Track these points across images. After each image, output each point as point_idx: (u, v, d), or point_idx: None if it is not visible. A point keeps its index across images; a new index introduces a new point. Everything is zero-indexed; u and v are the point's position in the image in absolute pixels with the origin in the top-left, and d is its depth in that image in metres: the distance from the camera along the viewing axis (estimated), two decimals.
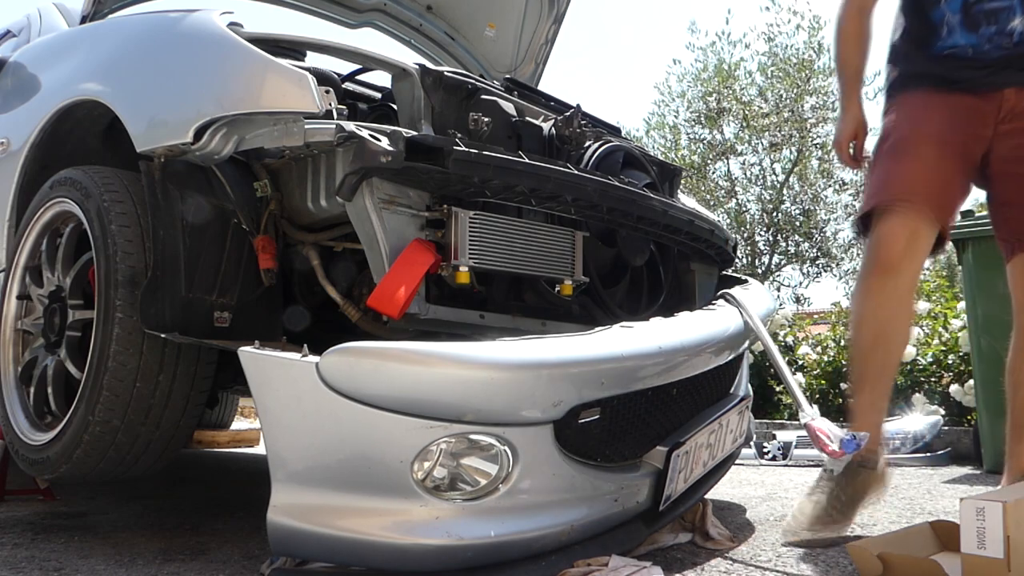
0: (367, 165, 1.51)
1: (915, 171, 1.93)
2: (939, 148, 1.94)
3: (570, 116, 1.96)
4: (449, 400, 1.38)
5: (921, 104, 1.99)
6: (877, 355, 1.93)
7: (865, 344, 1.94)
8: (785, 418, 5.33)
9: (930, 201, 1.91)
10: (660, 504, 1.73)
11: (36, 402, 1.99)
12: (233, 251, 1.79)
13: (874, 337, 1.93)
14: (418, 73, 1.77)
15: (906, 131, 1.98)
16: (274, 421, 1.43)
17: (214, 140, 1.64)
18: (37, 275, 2.09)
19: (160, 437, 1.80)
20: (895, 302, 1.91)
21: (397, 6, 3.33)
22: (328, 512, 1.40)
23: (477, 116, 1.74)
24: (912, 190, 1.91)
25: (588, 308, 2.03)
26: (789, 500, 2.65)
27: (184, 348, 1.75)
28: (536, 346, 1.49)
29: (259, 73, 1.64)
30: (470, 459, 1.42)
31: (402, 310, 1.56)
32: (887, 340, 1.93)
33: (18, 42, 2.74)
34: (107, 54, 2.08)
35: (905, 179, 1.93)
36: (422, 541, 1.39)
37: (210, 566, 1.66)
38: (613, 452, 1.67)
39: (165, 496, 2.66)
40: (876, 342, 1.93)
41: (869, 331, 1.94)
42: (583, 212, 1.82)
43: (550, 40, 3.38)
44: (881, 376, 1.95)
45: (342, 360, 1.37)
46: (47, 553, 1.77)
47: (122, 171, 1.90)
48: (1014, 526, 1.35)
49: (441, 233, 1.66)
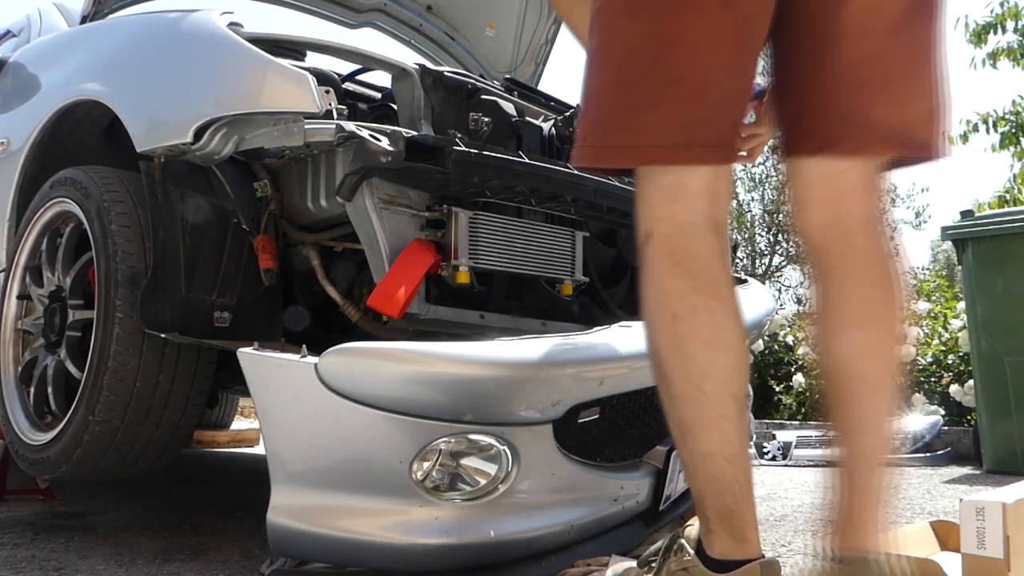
0: (367, 165, 1.51)
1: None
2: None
3: (570, 116, 1.96)
4: (448, 400, 1.38)
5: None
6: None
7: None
8: (785, 418, 5.33)
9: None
10: (660, 504, 1.73)
11: (36, 402, 1.99)
12: (233, 251, 1.79)
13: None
14: (418, 73, 1.77)
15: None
16: (273, 422, 1.43)
17: (214, 140, 1.64)
18: (37, 275, 2.09)
19: (160, 437, 1.80)
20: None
21: (397, 6, 3.33)
22: (327, 512, 1.40)
23: (477, 116, 1.74)
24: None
25: (588, 308, 2.03)
26: (789, 500, 2.66)
27: (184, 348, 1.75)
28: (536, 346, 1.49)
29: (259, 73, 1.65)
30: (469, 459, 1.42)
31: (402, 310, 1.56)
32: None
33: (18, 42, 2.74)
34: (107, 54, 2.08)
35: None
36: (422, 541, 1.39)
37: (210, 566, 1.66)
38: (613, 452, 1.67)
39: (165, 496, 2.66)
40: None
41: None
42: (583, 212, 1.82)
43: (550, 40, 3.37)
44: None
45: (341, 360, 1.37)
46: (47, 553, 1.77)
47: (122, 171, 1.90)
48: (1014, 526, 1.34)
49: (441, 233, 1.66)
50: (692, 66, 1.09)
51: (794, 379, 5.44)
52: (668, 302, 1.11)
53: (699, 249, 1.11)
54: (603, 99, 1.15)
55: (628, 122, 1.12)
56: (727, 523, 1.11)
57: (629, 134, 1.12)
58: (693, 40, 1.08)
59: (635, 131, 1.11)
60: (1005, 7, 7.02)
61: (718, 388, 1.09)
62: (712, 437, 1.09)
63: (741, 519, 1.11)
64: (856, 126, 1.13)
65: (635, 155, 1.13)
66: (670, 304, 1.11)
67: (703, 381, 1.09)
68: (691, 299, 1.10)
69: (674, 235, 1.12)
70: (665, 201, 1.12)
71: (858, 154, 1.14)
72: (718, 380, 1.09)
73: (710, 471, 1.11)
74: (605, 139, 1.14)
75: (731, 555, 1.10)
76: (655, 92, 1.09)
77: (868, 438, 1.13)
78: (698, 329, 1.09)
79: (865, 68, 1.13)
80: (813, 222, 1.17)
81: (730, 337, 1.10)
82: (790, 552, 1.81)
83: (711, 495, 1.11)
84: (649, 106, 1.10)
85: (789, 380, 5.50)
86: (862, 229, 1.15)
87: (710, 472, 1.11)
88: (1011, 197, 6.96)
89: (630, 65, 1.12)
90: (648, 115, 1.10)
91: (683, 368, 1.10)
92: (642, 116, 1.11)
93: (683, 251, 1.11)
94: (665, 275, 1.12)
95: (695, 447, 1.11)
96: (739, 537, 1.11)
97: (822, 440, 4.12)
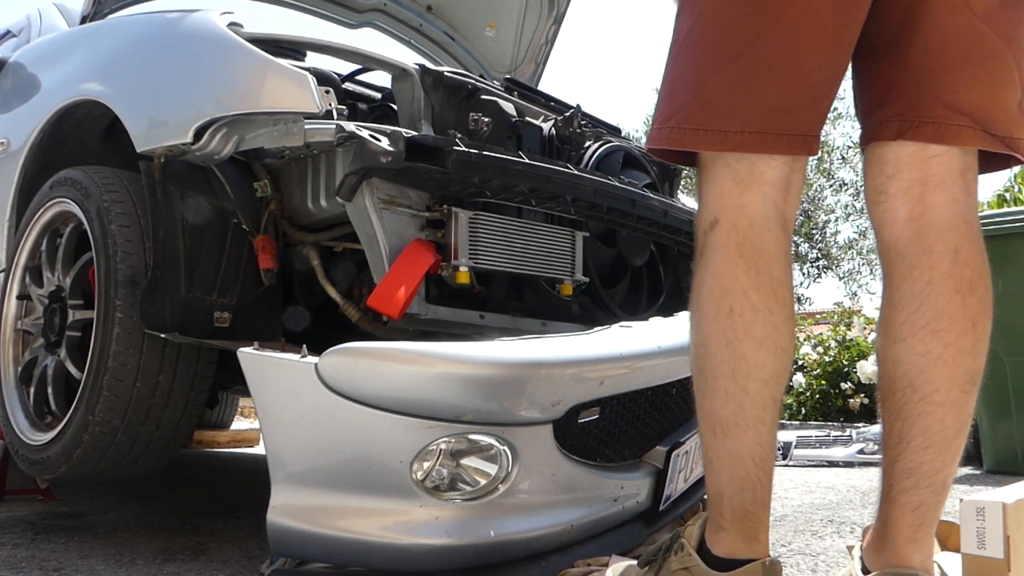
0: (367, 165, 1.51)
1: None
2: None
3: (570, 116, 1.96)
4: (448, 400, 1.38)
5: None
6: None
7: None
8: (785, 418, 5.33)
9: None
10: (660, 504, 1.73)
11: (36, 402, 1.99)
12: (233, 251, 1.79)
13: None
14: (418, 73, 1.77)
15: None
16: (274, 422, 1.43)
17: (214, 140, 1.64)
18: (37, 275, 2.09)
19: (160, 437, 1.80)
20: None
21: (397, 6, 3.33)
22: (328, 512, 1.40)
23: (477, 116, 1.74)
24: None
25: (588, 308, 2.03)
26: (789, 500, 2.66)
27: (184, 348, 1.75)
28: (536, 346, 1.49)
29: (259, 73, 1.64)
30: (470, 459, 1.42)
31: (402, 310, 1.56)
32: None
33: (18, 42, 2.74)
34: (107, 54, 2.08)
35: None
36: (422, 541, 1.39)
37: (210, 566, 1.66)
38: (613, 452, 1.67)
39: (165, 496, 2.66)
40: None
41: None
42: (583, 212, 1.82)
43: (550, 40, 3.37)
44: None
45: (341, 360, 1.37)
46: (47, 553, 1.77)
47: (122, 171, 1.90)
48: (1014, 526, 1.34)
49: (441, 233, 1.66)
50: (789, 50, 1.03)
51: (794, 379, 5.44)
52: (727, 296, 1.07)
53: (766, 244, 1.07)
54: (691, 80, 1.09)
55: (716, 104, 1.06)
56: (742, 523, 1.09)
57: (717, 117, 1.06)
58: (792, 22, 1.03)
59: (723, 115, 1.06)
60: None
61: (761, 390, 1.06)
62: (746, 437, 1.07)
63: (756, 520, 1.10)
64: (942, 109, 1.04)
65: (721, 139, 1.06)
66: (729, 298, 1.07)
67: (749, 381, 1.06)
68: (752, 296, 1.06)
69: (742, 226, 1.07)
70: (738, 189, 1.08)
71: (942, 140, 1.05)
72: (763, 382, 1.06)
73: (736, 471, 1.08)
74: (689, 120, 1.08)
75: (739, 554, 1.09)
76: (748, 75, 1.04)
77: (924, 454, 1.06)
78: (753, 328, 1.05)
79: (956, 47, 1.04)
80: (895, 216, 1.08)
81: (782, 340, 1.07)
82: (790, 552, 1.81)
83: (731, 494, 1.09)
84: (740, 89, 1.05)
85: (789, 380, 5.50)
86: (949, 229, 1.06)
87: (735, 472, 1.08)
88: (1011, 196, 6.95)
89: (723, 46, 1.06)
90: (738, 98, 1.05)
91: (731, 365, 1.06)
92: (732, 99, 1.05)
93: (750, 244, 1.07)
94: (728, 267, 1.07)
95: (726, 445, 1.08)
96: (751, 538, 1.10)
97: (822, 440, 4.12)
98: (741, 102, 1.05)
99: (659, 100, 1.15)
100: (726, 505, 1.10)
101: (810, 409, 5.46)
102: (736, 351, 1.06)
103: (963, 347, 1.06)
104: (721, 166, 1.09)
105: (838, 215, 15.84)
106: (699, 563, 1.11)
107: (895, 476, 1.08)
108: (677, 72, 1.11)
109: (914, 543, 1.07)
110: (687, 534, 1.17)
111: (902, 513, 1.08)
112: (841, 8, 1.03)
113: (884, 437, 1.11)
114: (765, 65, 1.04)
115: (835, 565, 1.69)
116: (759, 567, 1.07)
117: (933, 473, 1.06)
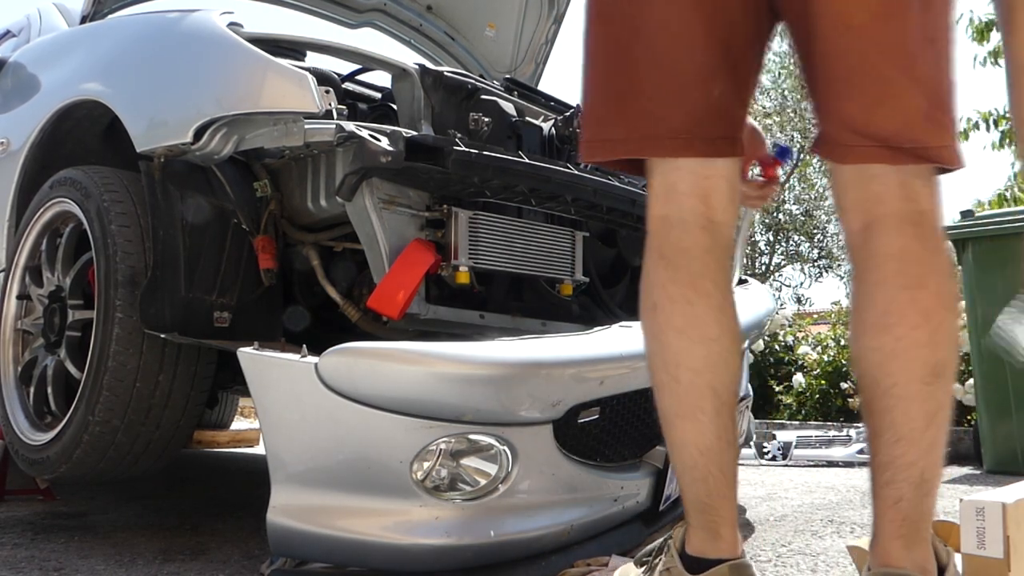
0: (367, 165, 1.51)
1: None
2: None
3: (570, 116, 1.96)
4: (448, 400, 1.38)
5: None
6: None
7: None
8: (785, 418, 5.33)
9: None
10: (660, 504, 1.73)
11: (36, 402, 1.99)
12: (233, 251, 1.79)
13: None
14: (418, 73, 1.77)
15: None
16: (273, 421, 1.43)
17: (214, 140, 1.64)
18: (37, 275, 2.09)
19: (160, 437, 1.80)
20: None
21: (397, 6, 3.33)
22: (328, 512, 1.40)
23: (477, 116, 1.74)
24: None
25: (588, 308, 2.03)
26: (789, 500, 2.66)
27: (184, 348, 1.75)
28: (536, 346, 1.49)
29: (259, 73, 1.64)
30: (470, 459, 1.42)
31: (402, 310, 1.56)
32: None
33: (18, 42, 2.74)
34: (107, 54, 2.08)
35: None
36: (422, 541, 1.39)
37: (210, 566, 1.66)
38: (612, 452, 1.67)
39: (165, 496, 2.66)
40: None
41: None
42: (583, 212, 1.82)
43: (550, 40, 3.37)
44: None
45: (341, 360, 1.37)
46: (47, 553, 1.77)
47: (122, 171, 1.90)
48: (1014, 526, 1.34)
49: (441, 233, 1.66)
50: (657, 54, 1.11)
51: (794, 379, 5.44)
52: (651, 293, 1.15)
53: (685, 244, 1.14)
54: (590, 97, 1.20)
55: (609, 116, 1.16)
56: (702, 516, 1.12)
57: (611, 127, 1.16)
58: (656, 27, 1.11)
59: (614, 124, 1.16)
60: None
61: (693, 378, 1.10)
62: (685, 426, 1.11)
63: (716, 514, 1.12)
64: (839, 129, 1.07)
65: (613, 148, 1.17)
66: (652, 294, 1.15)
67: (679, 370, 1.10)
68: (669, 288, 1.13)
69: (662, 232, 1.16)
70: (659, 202, 1.16)
71: (846, 160, 1.09)
72: (693, 370, 1.10)
73: (684, 461, 1.12)
74: (597, 134, 1.18)
75: (706, 553, 1.11)
76: (625, 84, 1.14)
77: (896, 448, 1.06)
78: (673, 318, 1.12)
79: (840, 64, 1.06)
80: (850, 228, 1.12)
81: (708, 330, 1.11)
82: (790, 552, 1.81)
83: (685, 486, 1.14)
84: (621, 99, 1.14)
85: (789, 380, 5.51)
86: (896, 235, 1.08)
87: (684, 462, 1.13)
88: (1011, 195, 6.95)
89: (608, 61, 1.17)
90: (624, 107, 1.14)
91: (661, 356, 1.13)
92: (619, 108, 1.15)
93: (669, 246, 1.15)
94: (651, 268, 1.16)
95: (672, 436, 1.13)
96: (714, 533, 1.12)
97: (822, 440, 4.12)
98: (626, 110, 1.15)
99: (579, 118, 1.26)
100: (686, 499, 1.14)
101: (810, 409, 5.46)
102: (662, 342, 1.13)
103: (917, 340, 1.06)
104: (649, 184, 1.18)
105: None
106: (677, 564, 1.14)
107: (875, 471, 1.11)
108: (583, 91, 1.22)
109: (899, 539, 1.07)
110: (675, 534, 1.19)
111: (885, 508, 1.10)
112: (713, 31, 1.09)
113: (866, 434, 1.15)
114: (638, 71, 1.13)
115: (835, 565, 1.69)
116: (724, 569, 1.09)
117: (907, 467, 1.07)
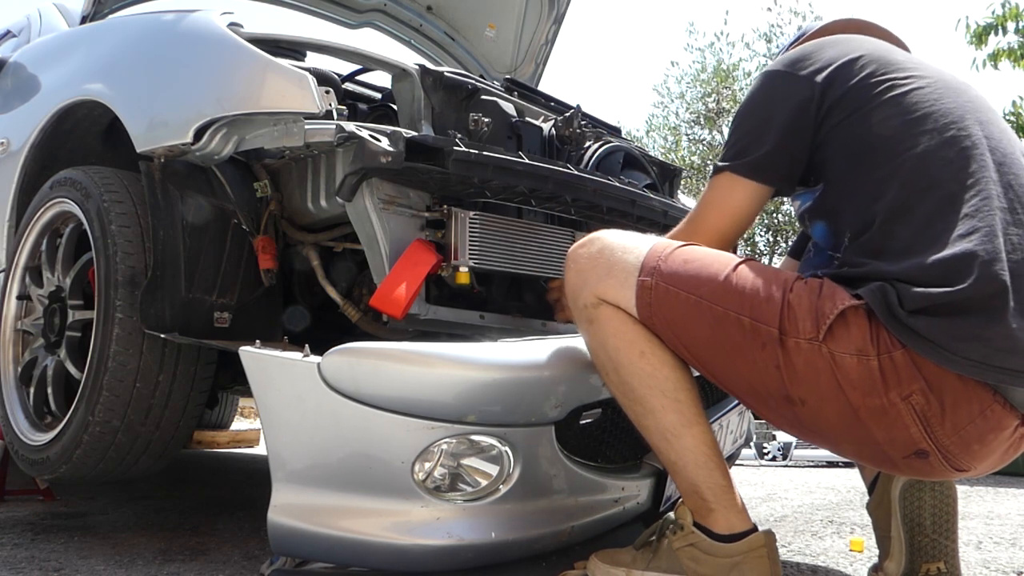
0: (367, 165, 1.51)
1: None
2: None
3: (570, 116, 1.95)
4: (450, 401, 1.38)
5: None
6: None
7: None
8: None
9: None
10: (660, 505, 1.73)
11: (36, 402, 1.99)
12: (233, 251, 1.79)
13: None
14: (418, 73, 1.77)
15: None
16: (275, 421, 1.43)
17: (214, 140, 1.64)
18: (37, 275, 2.09)
19: (160, 437, 1.80)
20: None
21: (397, 6, 3.33)
22: (328, 512, 1.40)
23: (477, 116, 1.73)
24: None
25: None
26: (789, 500, 2.66)
27: (184, 348, 1.75)
28: (537, 347, 1.48)
29: (259, 73, 1.64)
30: (471, 460, 1.42)
31: (405, 310, 1.55)
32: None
33: (18, 42, 2.74)
34: (107, 54, 2.08)
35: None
36: (422, 542, 1.39)
37: (210, 566, 1.65)
38: (614, 453, 1.67)
39: (165, 496, 2.66)
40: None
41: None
42: (583, 212, 1.82)
43: (550, 40, 3.37)
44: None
45: (344, 360, 1.37)
46: (47, 553, 1.77)
47: (122, 171, 1.90)
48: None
49: (441, 233, 1.66)
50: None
51: None
52: (637, 342, 1.31)
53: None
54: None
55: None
56: (726, 497, 1.27)
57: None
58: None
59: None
60: (1006, 8, 7.00)
61: (689, 394, 1.29)
62: (694, 431, 1.28)
63: (734, 493, 1.28)
64: None
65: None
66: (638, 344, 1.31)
67: (677, 392, 1.29)
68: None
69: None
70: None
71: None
72: (688, 389, 1.29)
73: (696, 459, 1.27)
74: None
75: (735, 528, 1.26)
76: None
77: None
78: (667, 356, 1.30)
79: None
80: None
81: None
82: (790, 552, 1.81)
83: (704, 478, 1.27)
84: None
85: None
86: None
87: (696, 460, 1.27)
88: None
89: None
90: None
91: (657, 386, 1.30)
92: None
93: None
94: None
95: (678, 444, 1.28)
96: (740, 508, 1.28)
97: None
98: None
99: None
100: (706, 489, 1.27)
101: None
102: (657, 376, 1.31)
103: None
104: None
105: None
106: (704, 538, 1.27)
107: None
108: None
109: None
110: (680, 515, 1.31)
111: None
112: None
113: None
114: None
115: (835, 565, 1.69)
116: (762, 536, 1.26)
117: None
